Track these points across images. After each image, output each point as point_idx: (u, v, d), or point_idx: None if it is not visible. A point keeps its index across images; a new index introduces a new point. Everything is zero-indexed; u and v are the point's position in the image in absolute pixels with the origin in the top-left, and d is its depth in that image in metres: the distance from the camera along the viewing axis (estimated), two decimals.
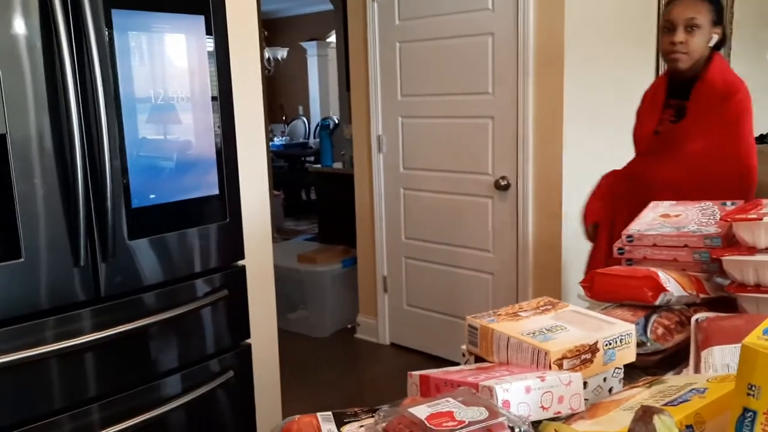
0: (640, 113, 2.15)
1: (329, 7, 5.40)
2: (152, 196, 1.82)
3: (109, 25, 1.67)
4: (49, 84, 1.57)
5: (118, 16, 1.69)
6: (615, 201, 2.18)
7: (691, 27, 1.89)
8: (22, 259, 1.53)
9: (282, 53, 10.03)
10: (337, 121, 8.09)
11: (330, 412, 0.85)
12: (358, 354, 3.72)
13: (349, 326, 3.96)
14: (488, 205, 3.04)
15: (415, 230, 3.39)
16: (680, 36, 1.90)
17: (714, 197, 1.74)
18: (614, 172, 2.26)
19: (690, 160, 1.93)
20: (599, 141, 2.93)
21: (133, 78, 1.75)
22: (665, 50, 1.97)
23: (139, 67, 1.77)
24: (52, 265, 1.59)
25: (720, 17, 1.97)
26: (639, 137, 2.14)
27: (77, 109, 1.58)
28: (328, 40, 9.58)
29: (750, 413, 0.65)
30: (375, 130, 3.43)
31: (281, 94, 10.12)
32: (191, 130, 1.92)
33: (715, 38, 1.95)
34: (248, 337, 2.10)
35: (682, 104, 1.99)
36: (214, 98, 1.94)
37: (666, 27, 1.95)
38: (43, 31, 1.55)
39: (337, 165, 5.08)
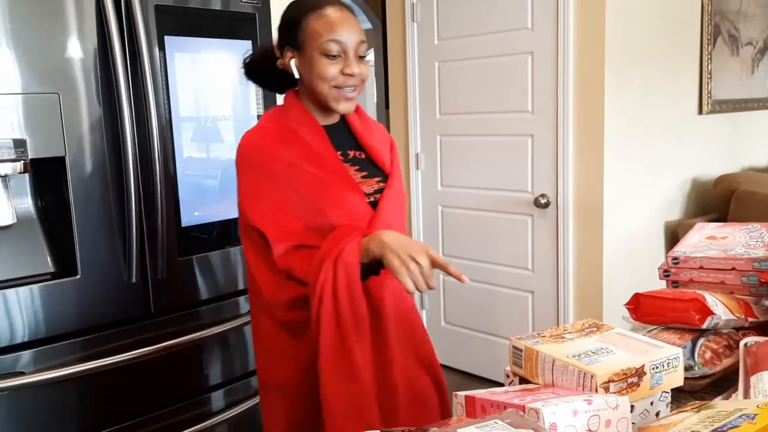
0: (313, 185, 1.34)
1: (368, 25, 5.47)
2: (197, 214, 1.87)
3: (162, 50, 1.74)
4: (105, 106, 1.64)
5: (170, 41, 1.76)
6: None
7: (361, 55, 1.36)
8: (78, 276, 1.59)
9: None
10: None
11: (379, 431, 0.86)
12: None
13: None
14: (528, 223, 3.03)
15: (453, 248, 3.39)
16: (355, 66, 1.34)
17: None
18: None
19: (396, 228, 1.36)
20: (641, 160, 2.90)
21: (183, 100, 1.81)
22: (333, 83, 1.34)
23: (189, 89, 1.83)
24: (106, 282, 1.65)
25: None
26: (327, 220, 1.32)
27: (131, 131, 1.65)
28: (366, 58, 9.65)
29: None
30: (413, 148, 3.46)
31: None
32: (235, 150, 1.97)
33: None
34: None
35: (357, 156, 1.44)
36: (259, 117, 1.99)
37: (329, 52, 1.32)
38: (99, 55, 1.62)
39: None
